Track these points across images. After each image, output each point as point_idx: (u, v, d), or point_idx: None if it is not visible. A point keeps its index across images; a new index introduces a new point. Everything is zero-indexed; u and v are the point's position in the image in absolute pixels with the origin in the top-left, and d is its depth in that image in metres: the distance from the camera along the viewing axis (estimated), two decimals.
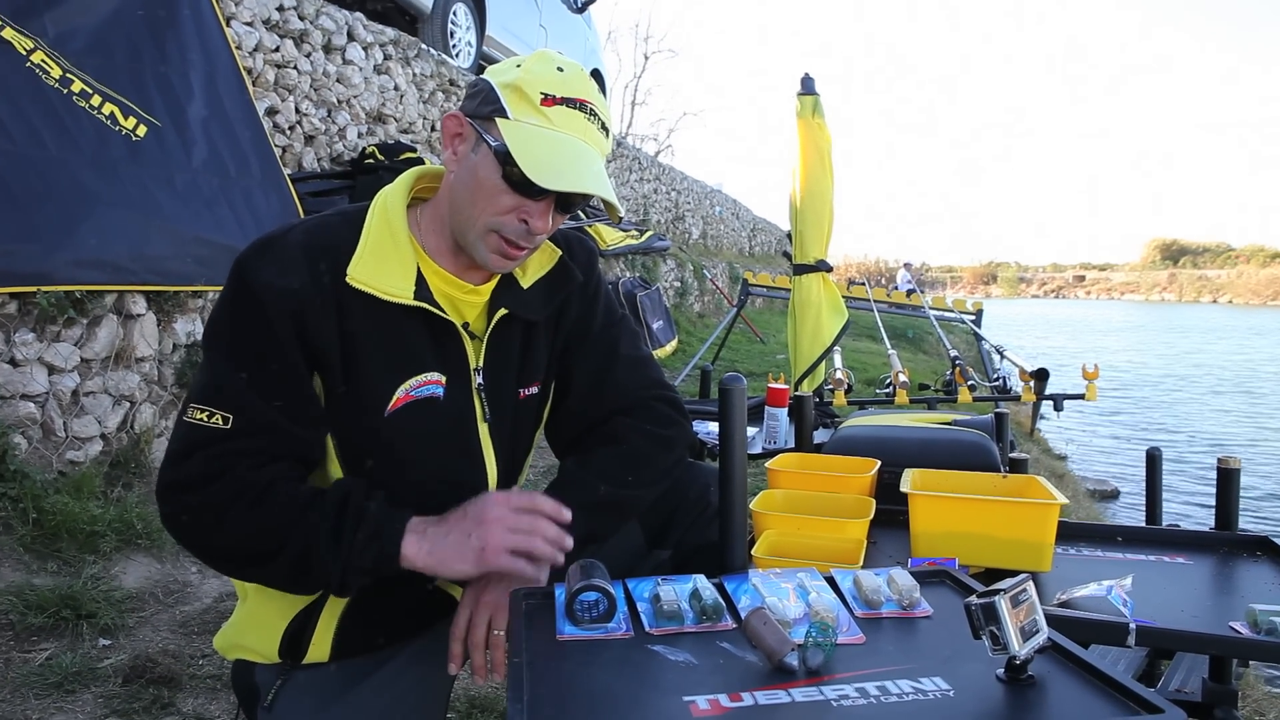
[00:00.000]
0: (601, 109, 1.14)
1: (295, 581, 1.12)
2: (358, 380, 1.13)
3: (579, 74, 1.14)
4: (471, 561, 1.08)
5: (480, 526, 1.08)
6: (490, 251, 1.14)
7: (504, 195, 1.10)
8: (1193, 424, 11.38)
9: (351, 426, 1.14)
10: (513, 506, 1.11)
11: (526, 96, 1.09)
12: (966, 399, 4.25)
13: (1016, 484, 1.62)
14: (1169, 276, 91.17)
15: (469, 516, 1.10)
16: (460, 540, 1.08)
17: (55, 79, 3.07)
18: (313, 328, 1.09)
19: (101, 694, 1.97)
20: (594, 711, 0.83)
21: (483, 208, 1.11)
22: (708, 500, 1.38)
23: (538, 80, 1.10)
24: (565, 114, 1.10)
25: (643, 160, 12.07)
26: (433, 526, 1.10)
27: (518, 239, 1.13)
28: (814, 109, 4.40)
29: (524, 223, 1.11)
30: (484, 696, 2.03)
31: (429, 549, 1.08)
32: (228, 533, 1.07)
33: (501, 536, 1.08)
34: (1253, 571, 1.54)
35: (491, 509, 1.10)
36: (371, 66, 5.36)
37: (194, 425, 1.07)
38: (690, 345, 8.38)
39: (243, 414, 1.07)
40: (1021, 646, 0.84)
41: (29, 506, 2.49)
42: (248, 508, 1.05)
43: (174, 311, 3.26)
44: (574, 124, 1.11)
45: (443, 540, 1.09)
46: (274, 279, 1.08)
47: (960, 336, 10.18)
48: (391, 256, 1.14)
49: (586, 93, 1.13)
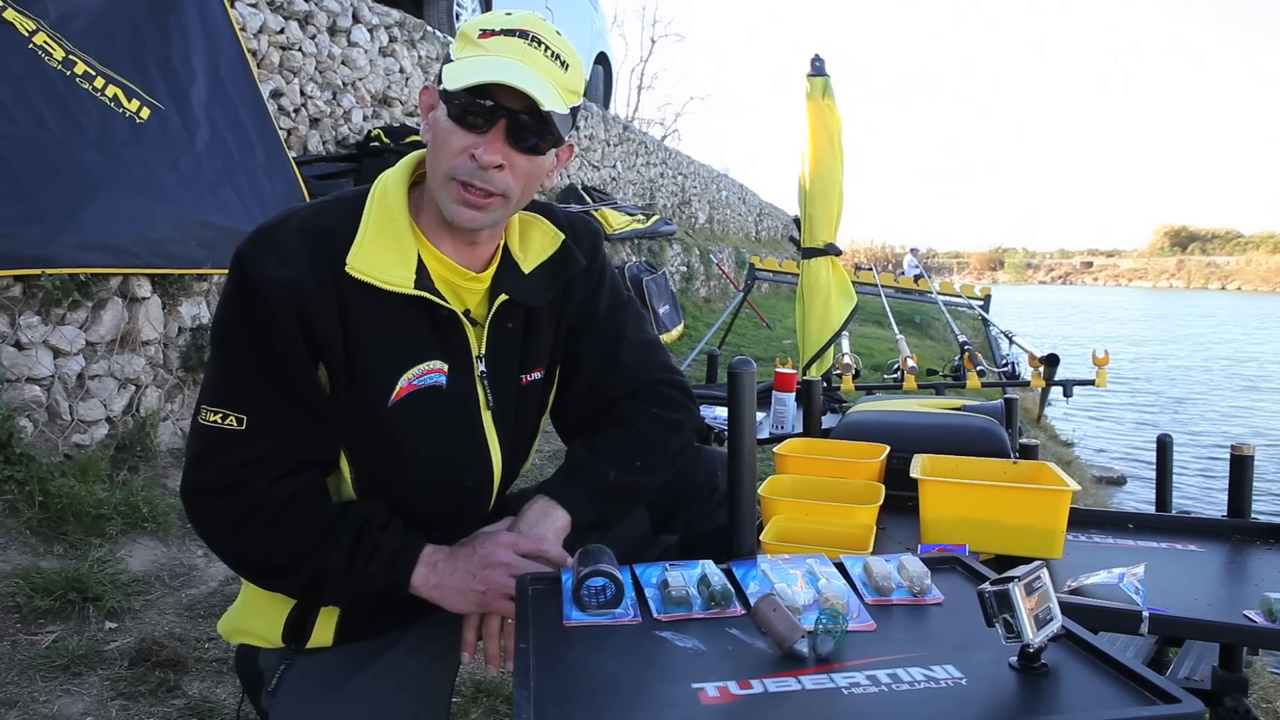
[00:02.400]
0: (552, 40, 1.11)
1: (306, 597, 1.16)
2: (360, 370, 1.11)
3: (529, 15, 1.12)
4: (474, 603, 1.11)
5: (485, 570, 1.10)
6: (453, 203, 1.10)
7: (452, 135, 1.08)
8: (1202, 413, 11.33)
9: (354, 417, 1.13)
10: (520, 551, 1.12)
11: (467, 36, 1.10)
12: (975, 384, 4.21)
13: (1027, 470, 1.60)
14: (1177, 263, 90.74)
15: (476, 555, 1.12)
16: (465, 580, 1.11)
17: (58, 61, 3.05)
18: (316, 319, 1.07)
19: (107, 677, 1.98)
20: (601, 698, 0.82)
21: (440, 157, 1.10)
22: (715, 485, 1.36)
23: (481, 21, 1.10)
24: (501, 41, 1.08)
25: (649, 145, 12.01)
26: (443, 560, 1.13)
27: (470, 178, 1.08)
28: (824, 90, 4.35)
29: (473, 159, 1.07)
30: (489, 681, 2.03)
31: (435, 582, 1.11)
32: (244, 546, 1.10)
33: (504, 582, 1.09)
34: (1266, 559, 1.52)
35: (498, 553, 1.11)
36: (377, 49, 5.33)
37: (208, 428, 1.07)
38: (696, 330, 8.37)
39: (256, 414, 1.07)
40: (1035, 635, 0.82)
41: (35, 490, 2.49)
42: (266, 525, 1.07)
43: (179, 294, 3.25)
44: (509, 48, 1.08)
45: (449, 576, 1.11)
46: (275, 270, 1.06)
47: (967, 322, 10.14)
48: (391, 244, 1.12)
49: (531, 25, 1.10)
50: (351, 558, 1.08)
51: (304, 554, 1.08)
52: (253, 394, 1.07)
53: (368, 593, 1.10)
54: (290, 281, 1.06)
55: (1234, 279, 78.60)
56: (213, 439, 1.07)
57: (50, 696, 1.88)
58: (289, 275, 1.06)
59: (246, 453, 1.07)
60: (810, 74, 4.39)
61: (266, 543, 1.08)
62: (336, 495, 1.18)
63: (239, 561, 1.13)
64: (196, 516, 1.10)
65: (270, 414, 1.07)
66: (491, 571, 1.10)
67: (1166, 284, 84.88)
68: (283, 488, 1.08)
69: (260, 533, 1.07)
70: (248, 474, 1.07)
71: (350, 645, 1.18)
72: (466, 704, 1.96)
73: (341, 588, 1.09)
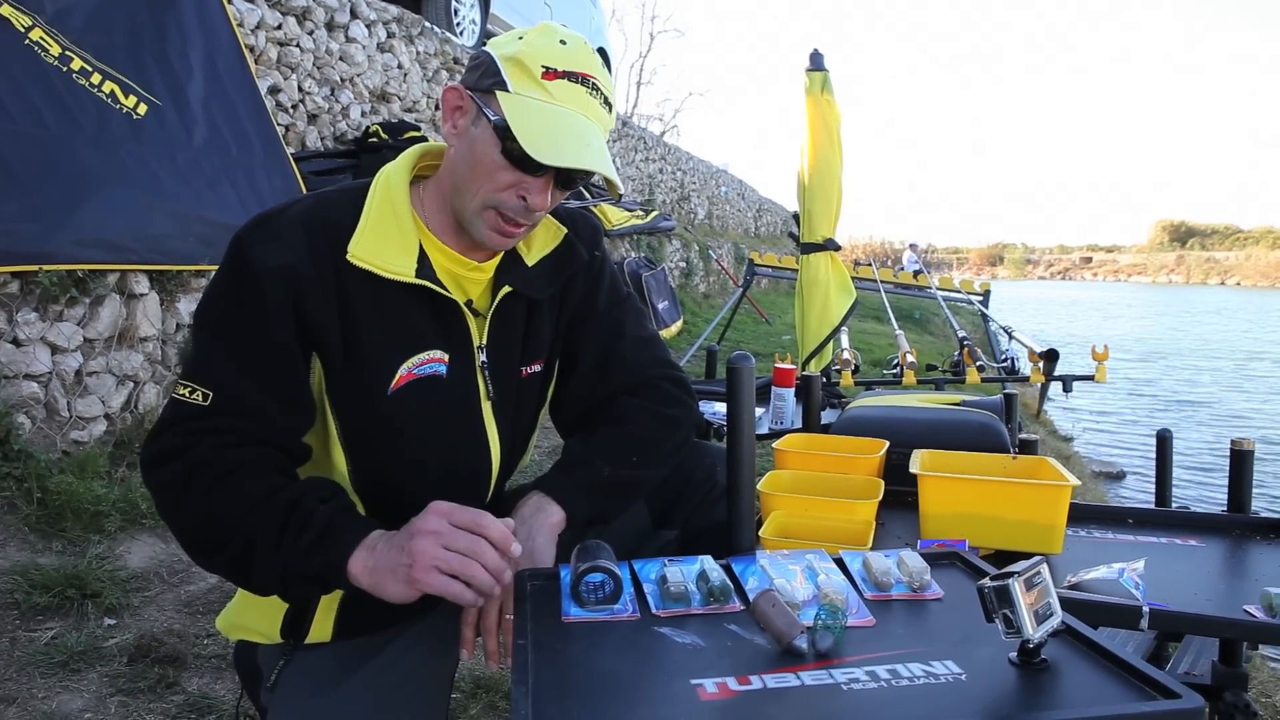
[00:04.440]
0: (605, 83, 1.12)
1: (239, 580, 1.07)
2: (359, 359, 1.11)
3: (582, 47, 1.11)
4: (403, 579, 0.96)
5: (412, 540, 0.96)
6: (488, 229, 1.11)
7: (502, 171, 1.07)
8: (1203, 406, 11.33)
9: (353, 406, 1.13)
10: (453, 521, 0.98)
11: (527, 70, 1.06)
12: (975, 380, 4.21)
13: (1027, 465, 1.60)
14: (1177, 258, 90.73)
15: (407, 528, 0.99)
16: (395, 555, 0.97)
17: (54, 56, 3.04)
18: (312, 305, 1.07)
19: (107, 673, 1.98)
20: (599, 694, 0.82)
21: (481, 184, 1.09)
22: (714, 480, 1.36)
23: (539, 53, 1.07)
24: (567, 88, 1.08)
25: (648, 140, 12.00)
26: (384, 541, 0.99)
27: (516, 216, 1.10)
28: (823, 85, 4.34)
29: (522, 199, 1.09)
30: (489, 677, 2.03)
31: (371, 566, 0.98)
32: (183, 514, 1.03)
33: (432, 552, 0.95)
34: (1266, 554, 1.52)
35: (429, 520, 0.98)
36: (375, 44, 5.31)
37: (176, 401, 1.05)
38: (695, 326, 8.37)
39: (222, 391, 1.04)
40: (1035, 630, 0.82)
41: (33, 486, 2.49)
42: (204, 490, 1.00)
43: (177, 291, 3.24)
44: (575, 99, 1.08)
45: (383, 555, 0.98)
46: (272, 255, 1.06)
47: (966, 318, 10.13)
48: (393, 234, 1.12)
49: (589, 66, 1.10)
50: (281, 532, 0.98)
51: (234, 523, 0.99)
52: (224, 373, 1.05)
53: (300, 575, 0.98)
54: (287, 267, 1.05)
55: (1233, 274, 78.55)
56: (177, 411, 1.04)
57: (49, 693, 1.88)
58: (286, 260, 1.06)
59: (202, 424, 1.03)
60: (809, 68, 4.39)
61: (204, 509, 1.00)
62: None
63: (183, 534, 1.06)
64: (150, 484, 1.05)
65: (238, 394, 1.04)
66: (418, 540, 0.95)
67: (1166, 279, 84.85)
68: (233, 454, 1.02)
69: (200, 496, 1.00)
70: (200, 439, 1.03)
71: (349, 641, 1.17)
72: (466, 700, 1.96)
73: (268, 566, 0.98)
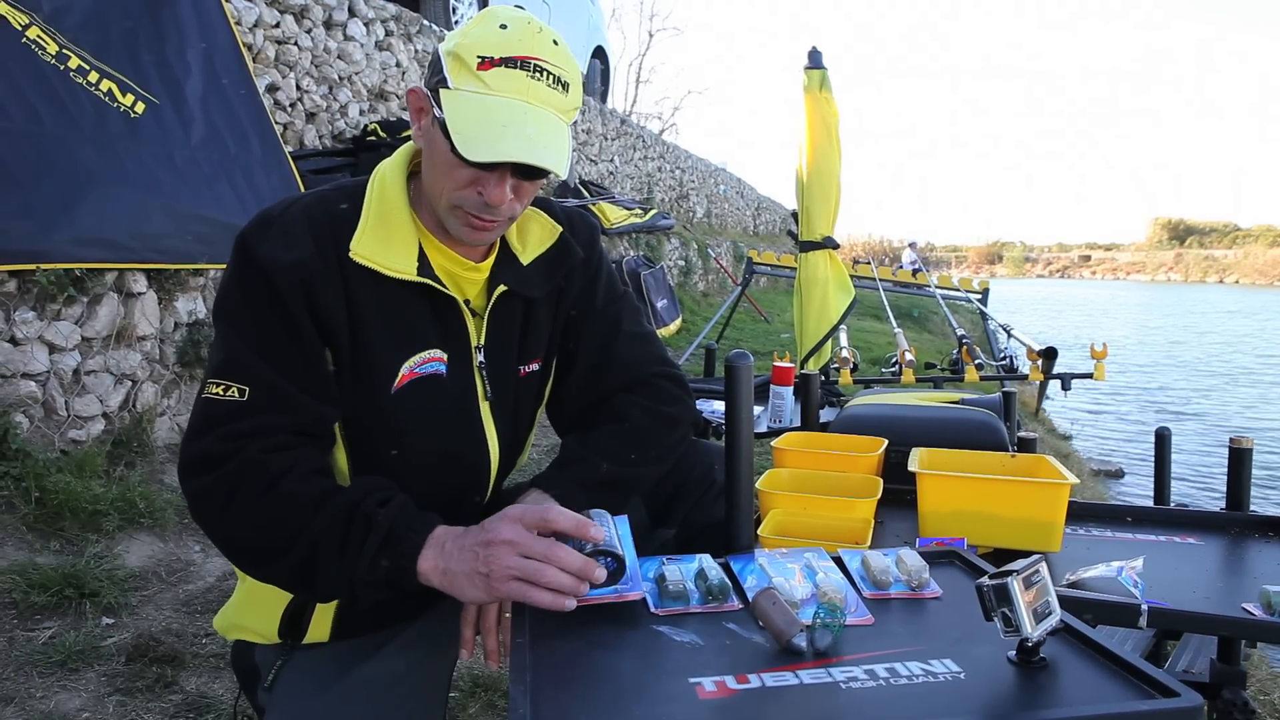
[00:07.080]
0: (555, 61, 1.06)
1: (300, 589, 1.07)
2: (363, 356, 1.11)
3: (525, 28, 1.05)
4: (482, 588, 0.97)
5: (488, 549, 0.96)
6: (460, 226, 1.10)
7: (457, 170, 1.05)
8: (1195, 405, 11.34)
9: (356, 404, 1.12)
10: (527, 524, 0.98)
11: (463, 62, 1.03)
12: (974, 378, 4.22)
13: (1025, 463, 1.60)
14: (1175, 256, 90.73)
15: (484, 532, 0.98)
16: (470, 561, 0.97)
17: (52, 55, 3.03)
18: (322, 302, 1.06)
19: (105, 673, 1.97)
20: (598, 693, 0.82)
21: (443, 184, 1.08)
22: (712, 478, 1.36)
23: (476, 44, 1.03)
24: (504, 76, 1.03)
25: (647, 138, 11.99)
26: (452, 540, 0.99)
27: (480, 213, 1.08)
28: (821, 83, 4.34)
29: (480, 195, 1.06)
30: (487, 676, 2.02)
31: (444, 567, 0.98)
32: (232, 521, 1.02)
33: (509, 561, 0.95)
34: (1264, 552, 1.52)
35: (503, 529, 0.97)
36: (373, 43, 5.31)
37: (210, 400, 1.04)
38: (694, 324, 8.36)
39: (259, 384, 1.03)
40: (1034, 629, 0.82)
41: (31, 485, 2.48)
42: (256, 495, 1.00)
43: (175, 290, 3.24)
44: (514, 85, 1.03)
45: (456, 559, 0.98)
46: (279, 253, 1.05)
47: (965, 316, 10.14)
48: (393, 232, 1.12)
49: (532, 48, 1.04)
50: (345, 538, 0.98)
51: (294, 531, 0.98)
52: (257, 367, 1.04)
53: (369, 581, 0.98)
54: (297, 263, 1.05)
55: (1232, 272, 78.58)
56: (214, 410, 1.03)
57: (47, 692, 1.88)
58: (295, 257, 1.05)
59: (246, 424, 1.02)
60: (807, 66, 4.39)
61: (255, 518, 1.00)
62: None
63: (229, 543, 1.06)
64: (190, 493, 1.04)
65: (274, 386, 1.04)
66: (495, 551, 0.96)
67: (1164, 277, 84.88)
68: (278, 459, 1.02)
69: (250, 505, 0.99)
70: (244, 443, 1.01)
71: (346, 640, 1.17)
72: (464, 698, 1.96)
73: (335, 574, 0.98)
